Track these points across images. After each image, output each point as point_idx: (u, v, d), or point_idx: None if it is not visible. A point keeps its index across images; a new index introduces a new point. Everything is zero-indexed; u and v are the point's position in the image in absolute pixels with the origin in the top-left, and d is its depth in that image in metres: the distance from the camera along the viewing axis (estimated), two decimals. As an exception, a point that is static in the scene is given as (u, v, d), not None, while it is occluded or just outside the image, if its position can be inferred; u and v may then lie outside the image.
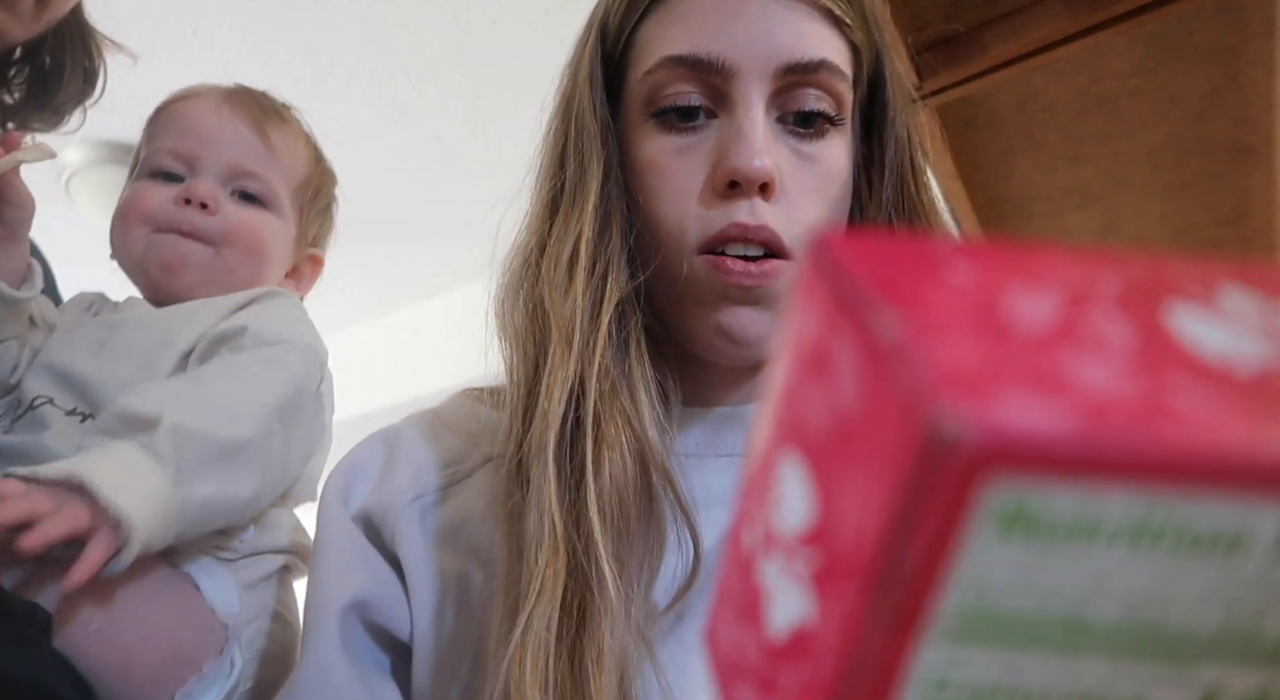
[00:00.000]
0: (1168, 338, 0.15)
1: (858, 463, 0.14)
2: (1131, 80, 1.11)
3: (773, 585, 0.17)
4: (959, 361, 0.13)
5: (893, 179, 0.50)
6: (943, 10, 1.03)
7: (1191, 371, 0.14)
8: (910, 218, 0.50)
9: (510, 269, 0.53)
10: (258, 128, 0.72)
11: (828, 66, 0.47)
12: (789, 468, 0.17)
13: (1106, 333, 0.14)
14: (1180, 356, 0.15)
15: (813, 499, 0.16)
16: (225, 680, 0.54)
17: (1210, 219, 1.37)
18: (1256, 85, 1.12)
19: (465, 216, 1.84)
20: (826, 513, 0.15)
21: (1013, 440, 0.12)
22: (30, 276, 0.63)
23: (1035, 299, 0.15)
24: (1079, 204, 1.35)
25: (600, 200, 0.49)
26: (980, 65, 1.05)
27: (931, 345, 0.14)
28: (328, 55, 1.45)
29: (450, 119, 1.60)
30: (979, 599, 0.14)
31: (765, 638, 0.17)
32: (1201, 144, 1.22)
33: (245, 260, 0.69)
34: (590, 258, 0.48)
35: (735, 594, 0.19)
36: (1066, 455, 0.12)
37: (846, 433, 0.15)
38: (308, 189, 0.76)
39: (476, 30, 1.41)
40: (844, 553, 0.15)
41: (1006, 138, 1.22)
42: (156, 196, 0.68)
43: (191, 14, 1.35)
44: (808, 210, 0.47)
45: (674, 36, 0.48)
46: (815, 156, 0.47)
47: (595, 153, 0.50)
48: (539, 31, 1.38)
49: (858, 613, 0.14)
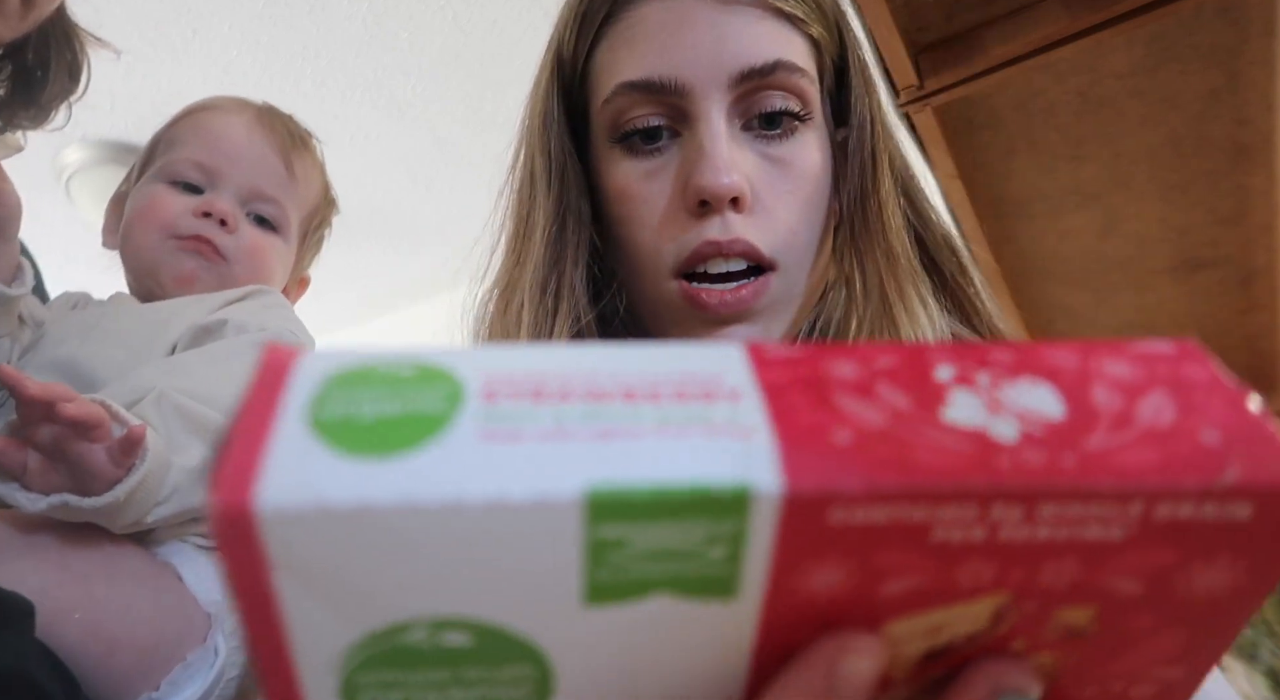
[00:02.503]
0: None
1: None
2: (1131, 80, 1.11)
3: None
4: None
5: (854, 170, 0.49)
6: (943, 10, 1.03)
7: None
8: (863, 211, 0.49)
9: (477, 313, 0.53)
10: (284, 155, 0.72)
11: (784, 66, 0.45)
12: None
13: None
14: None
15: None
16: (210, 669, 0.54)
17: (1210, 219, 1.37)
18: (1256, 85, 1.12)
19: (465, 216, 1.84)
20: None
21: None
22: (20, 275, 0.63)
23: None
24: (1079, 204, 1.35)
25: (550, 241, 0.48)
26: (980, 65, 1.05)
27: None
28: (328, 55, 1.45)
29: (450, 119, 1.60)
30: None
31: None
32: (1201, 144, 1.22)
33: (248, 281, 0.70)
34: (536, 303, 0.47)
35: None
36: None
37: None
38: (314, 218, 0.77)
39: (476, 30, 1.41)
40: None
41: (1006, 138, 1.22)
42: (176, 205, 0.68)
43: (191, 14, 1.35)
44: (784, 214, 0.46)
45: (625, 61, 0.47)
46: (785, 158, 0.46)
47: (545, 193, 0.49)
48: (539, 31, 1.38)
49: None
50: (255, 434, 0.15)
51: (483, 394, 0.16)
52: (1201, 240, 1.42)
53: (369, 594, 0.15)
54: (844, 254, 0.50)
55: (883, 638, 0.17)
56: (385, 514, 0.14)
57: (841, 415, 0.16)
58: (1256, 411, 0.17)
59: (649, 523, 0.15)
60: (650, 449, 0.15)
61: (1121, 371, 0.18)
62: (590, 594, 0.16)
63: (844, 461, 0.15)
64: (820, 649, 0.17)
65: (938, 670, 0.19)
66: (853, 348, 0.18)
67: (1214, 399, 0.17)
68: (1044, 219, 1.39)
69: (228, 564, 0.15)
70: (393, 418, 0.16)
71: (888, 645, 0.17)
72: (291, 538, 0.15)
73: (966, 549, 0.16)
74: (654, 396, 0.16)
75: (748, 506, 0.15)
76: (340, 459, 0.15)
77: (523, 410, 0.16)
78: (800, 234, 0.46)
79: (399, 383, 0.16)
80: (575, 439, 0.15)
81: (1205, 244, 1.43)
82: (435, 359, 0.17)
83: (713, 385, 0.17)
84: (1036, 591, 0.17)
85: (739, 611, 0.16)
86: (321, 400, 0.16)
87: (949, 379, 0.17)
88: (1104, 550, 0.16)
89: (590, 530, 0.15)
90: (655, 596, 0.16)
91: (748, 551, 0.16)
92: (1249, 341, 1.70)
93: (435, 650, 0.16)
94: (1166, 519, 0.16)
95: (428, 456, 0.15)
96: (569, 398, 0.16)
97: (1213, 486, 0.16)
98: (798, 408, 0.16)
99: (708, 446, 0.15)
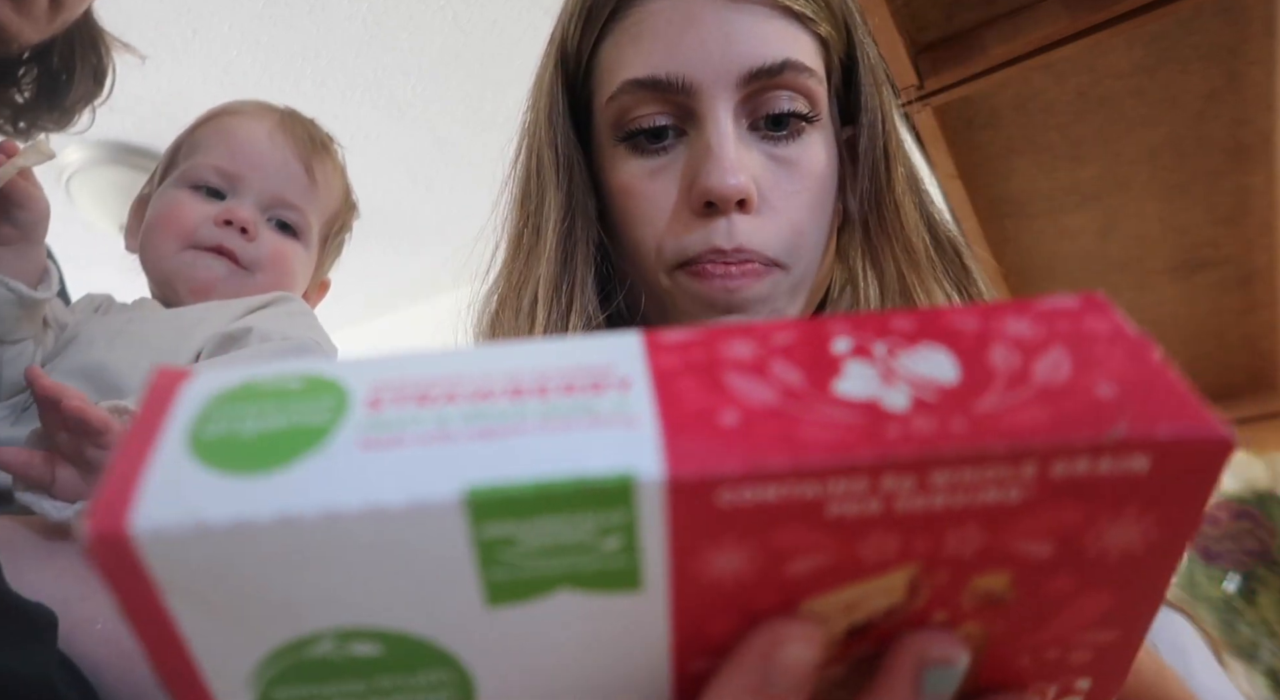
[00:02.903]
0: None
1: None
2: (1131, 80, 1.11)
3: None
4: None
5: (866, 169, 0.49)
6: (943, 10, 1.03)
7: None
8: (879, 209, 0.48)
9: (481, 313, 0.52)
10: (305, 161, 0.72)
11: (792, 66, 0.45)
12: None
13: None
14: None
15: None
16: None
17: (1210, 219, 1.37)
18: (1256, 85, 1.11)
19: (465, 216, 1.84)
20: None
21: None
22: (46, 278, 0.63)
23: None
24: (1079, 204, 1.35)
25: (560, 239, 0.48)
26: (980, 65, 1.05)
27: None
28: (328, 55, 1.45)
29: (450, 119, 1.60)
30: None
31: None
32: (1201, 144, 1.22)
33: (270, 288, 0.70)
34: (549, 302, 0.47)
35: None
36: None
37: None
38: (335, 223, 0.78)
39: (476, 30, 1.41)
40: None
41: (1006, 138, 1.22)
42: (196, 212, 0.68)
43: (192, 14, 1.35)
44: (791, 216, 0.46)
45: (632, 58, 0.46)
46: (792, 159, 0.46)
47: (553, 189, 0.48)
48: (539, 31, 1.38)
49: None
50: (135, 458, 0.15)
51: (368, 402, 0.16)
52: (1201, 240, 1.42)
53: (268, 610, 0.15)
54: (852, 254, 0.50)
55: (810, 621, 0.17)
56: (264, 529, 0.14)
57: (730, 396, 0.16)
58: (1158, 361, 0.17)
59: (534, 518, 0.15)
60: (532, 445, 0.15)
61: (1021, 330, 0.17)
62: (491, 595, 0.16)
63: (728, 443, 0.15)
64: (753, 643, 0.17)
65: (863, 647, 0.18)
66: (751, 326, 0.18)
67: (1115, 351, 0.17)
68: (1044, 219, 1.39)
69: (116, 591, 0.15)
70: (275, 432, 0.16)
71: (821, 629, 0.17)
72: (175, 559, 0.14)
73: (864, 522, 0.16)
74: (540, 391, 0.16)
75: (632, 495, 0.15)
76: (218, 477, 0.15)
77: (406, 415, 0.16)
78: (808, 236, 0.46)
79: (285, 396, 0.16)
80: (456, 440, 0.15)
81: (1205, 244, 1.43)
82: (323, 370, 0.17)
83: (602, 376, 0.17)
84: (945, 560, 0.17)
85: (648, 603, 0.16)
86: (203, 419, 0.16)
87: (845, 351, 0.17)
88: (1004, 513, 0.16)
89: (475, 530, 0.15)
90: (559, 593, 0.16)
91: (642, 541, 0.15)
92: (1249, 341, 1.70)
93: (346, 661, 0.16)
94: (1064, 477, 0.16)
95: (306, 468, 0.15)
96: (455, 399, 0.16)
97: (1102, 441, 0.15)
98: (686, 392, 0.16)
99: (590, 438, 0.15)
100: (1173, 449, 0.15)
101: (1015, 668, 0.19)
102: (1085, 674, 0.20)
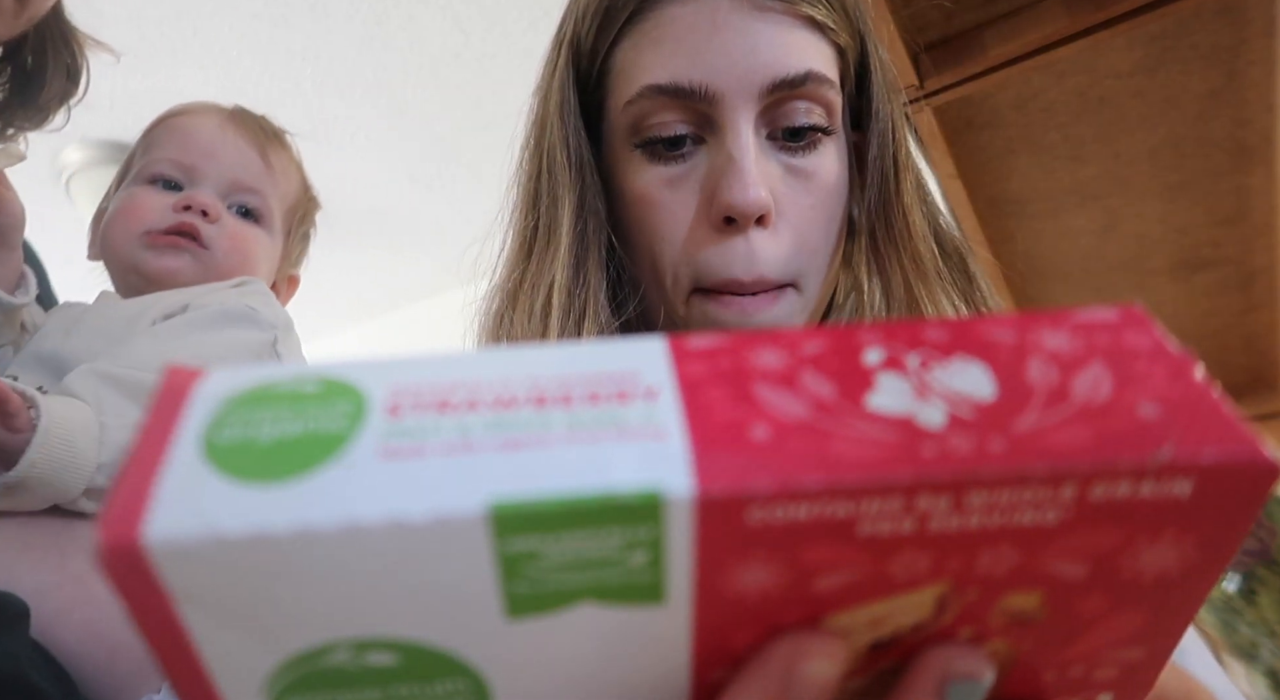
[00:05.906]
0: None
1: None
2: (1131, 80, 1.11)
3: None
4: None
5: (875, 177, 0.48)
6: (943, 10, 1.03)
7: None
8: (886, 218, 0.48)
9: (487, 312, 0.51)
10: (259, 147, 0.72)
11: (814, 77, 0.44)
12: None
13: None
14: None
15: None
16: None
17: (1210, 219, 1.37)
18: (1256, 85, 1.12)
19: (465, 216, 1.84)
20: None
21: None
22: (24, 283, 0.63)
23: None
24: (1079, 204, 1.35)
25: (574, 241, 0.47)
26: (980, 65, 1.05)
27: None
28: (328, 55, 1.45)
29: (450, 119, 1.60)
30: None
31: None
32: (1201, 144, 1.22)
33: (235, 273, 0.69)
34: (564, 306, 0.46)
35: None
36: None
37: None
38: (297, 212, 0.77)
39: (476, 30, 1.41)
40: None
41: (1006, 138, 1.22)
42: (155, 202, 0.68)
43: (191, 14, 1.35)
44: (806, 230, 0.45)
45: (652, 62, 0.45)
46: (809, 170, 0.45)
47: (568, 188, 0.47)
48: (540, 32, 1.38)
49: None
50: (148, 464, 0.15)
51: (387, 408, 0.16)
52: (1201, 240, 1.42)
53: (283, 620, 0.15)
54: (857, 261, 0.50)
55: (835, 636, 0.17)
56: (282, 541, 0.14)
57: (761, 409, 0.16)
58: (1200, 381, 0.16)
59: (560, 534, 0.15)
60: (557, 457, 0.15)
61: (1059, 344, 0.17)
62: (511, 607, 0.15)
63: (759, 460, 0.15)
64: (775, 652, 0.17)
65: (887, 661, 0.18)
66: (778, 333, 0.17)
67: (1156, 368, 0.16)
68: (1044, 219, 1.39)
69: (127, 600, 0.15)
70: (292, 438, 0.15)
71: (845, 644, 0.17)
72: (189, 570, 0.14)
73: (897, 541, 0.15)
74: (565, 400, 0.16)
75: (660, 512, 0.15)
76: (234, 485, 0.15)
77: (427, 424, 0.16)
78: (821, 252, 0.46)
79: (301, 400, 0.16)
80: (480, 451, 0.15)
81: (1205, 244, 1.43)
82: (340, 373, 0.17)
83: (628, 384, 0.16)
84: (976, 579, 0.16)
85: (671, 617, 0.16)
86: (218, 424, 0.16)
87: (877, 363, 0.17)
88: (1041, 534, 0.16)
89: (499, 545, 0.15)
90: (580, 606, 0.16)
91: (668, 557, 0.15)
92: (1249, 341, 1.70)
93: (362, 670, 0.16)
94: (1103, 499, 0.15)
95: (325, 478, 0.15)
96: (477, 407, 0.16)
97: (1147, 465, 0.15)
98: (715, 403, 0.16)
99: (618, 451, 0.15)
100: (1217, 473, 0.15)
101: (1039, 683, 0.19)
102: (1108, 689, 0.20)
